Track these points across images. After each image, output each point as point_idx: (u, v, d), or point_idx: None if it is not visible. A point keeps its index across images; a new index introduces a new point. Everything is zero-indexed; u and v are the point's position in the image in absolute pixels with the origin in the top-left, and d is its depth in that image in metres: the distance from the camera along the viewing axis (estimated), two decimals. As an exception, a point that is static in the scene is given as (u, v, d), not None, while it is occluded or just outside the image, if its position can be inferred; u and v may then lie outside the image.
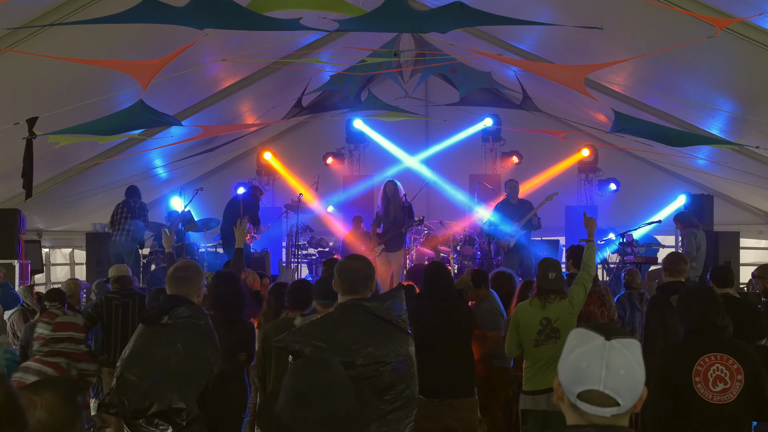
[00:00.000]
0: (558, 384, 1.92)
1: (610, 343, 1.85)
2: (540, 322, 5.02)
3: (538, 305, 5.13)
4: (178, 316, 3.65)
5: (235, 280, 5.07)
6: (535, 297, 5.22)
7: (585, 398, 1.84)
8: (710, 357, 3.58)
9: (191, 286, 3.79)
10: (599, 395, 1.83)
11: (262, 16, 5.47)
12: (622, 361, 1.84)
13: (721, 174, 11.36)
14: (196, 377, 3.54)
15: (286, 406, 2.36)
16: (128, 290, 6.74)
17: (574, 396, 1.85)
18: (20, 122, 6.77)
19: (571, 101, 10.48)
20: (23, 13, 6.19)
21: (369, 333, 3.25)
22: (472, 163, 13.74)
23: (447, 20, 5.80)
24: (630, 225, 11.41)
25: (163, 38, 7.27)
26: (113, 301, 6.62)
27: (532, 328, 5.01)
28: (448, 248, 11.58)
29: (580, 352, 1.86)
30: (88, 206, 11.55)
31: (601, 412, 1.84)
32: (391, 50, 9.58)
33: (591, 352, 1.85)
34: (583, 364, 1.84)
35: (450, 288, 5.25)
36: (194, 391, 3.50)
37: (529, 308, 5.19)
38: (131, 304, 6.59)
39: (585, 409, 1.85)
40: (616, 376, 1.82)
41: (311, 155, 13.89)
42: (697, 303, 3.79)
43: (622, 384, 1.83)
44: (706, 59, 7.81)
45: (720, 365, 3.56)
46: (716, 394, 3.54)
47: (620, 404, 1.84)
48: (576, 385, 1.85)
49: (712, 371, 3.56)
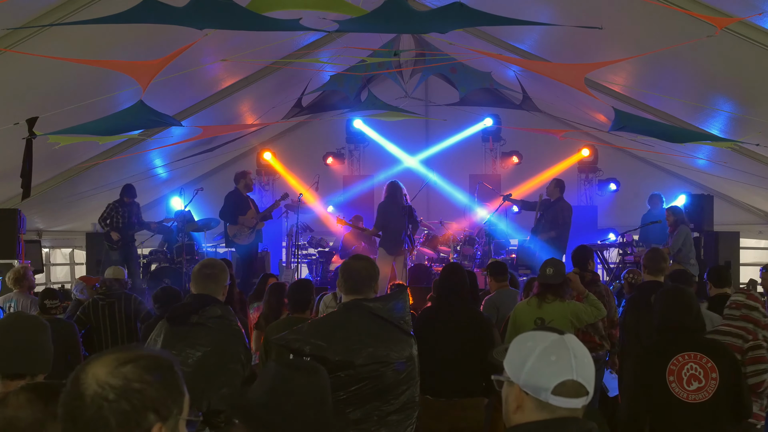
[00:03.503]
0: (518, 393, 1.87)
1: (566, 337, 1.88)
2: (534, 321, 5.03)
3: (535, 304, 5.15)
4: (209, 315, 3.60)
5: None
6: (533, 296, 5.25)
7: (560, 392, 1.83)
8: (684, 356, 3.59)
9: (219, 283, 3.75)
10: (573, 384, 1.83)
11: (262, 17, 5.47)
12: (583, 351, 1.87)
13: (721, 174, 11.35)
14: (232, 379, 3.51)
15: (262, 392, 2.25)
16: (113, 291, 6.76)
17: (547, 393, 1.83)
18: (20, 122, 6.77)
19: (571, 101, 10.49)
20: (23, 13, 6.19)
21: (370, 333, 3.25)
22: (472, 163, 13.74)
23: (447, 20, 5.80)
24: (630, 225, 11.42)
25: (163, 38, 7.27)
26: (99, 302, 6.66)
27: (527, 326, 5.01)
28: (448, 248, 11.58)
29: (542, 349, 1.86)
30: (88, 206, 11.54)
31: (574, 403, 1.84)
32: (391, 50, 9.57)
33: (554, 346, 1.86)
34: (552, 357, 1.84)
35: (464, 289, 5.20)
36: (231, 393, 3.46)
37: (526, 307, 5.23)
38: (116, 304, 6.63)
39: (558, 403, 1.84)
40: (583, 364, 1.85)
41: (311, 155, 13.89)
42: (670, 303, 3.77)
43: (589, 372, 1.86)
44: (706, 59, 7.81)
45: (694, 364, 3.57)
46: (691, 393, 3.55)
47: (589, 393, 1.85)
48: (549, 380, 1.84)
49: (686, 370, 3.57)
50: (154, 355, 1.57)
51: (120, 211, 10.05)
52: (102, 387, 1.47)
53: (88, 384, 1.47)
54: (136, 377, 1.49)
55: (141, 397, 1.48)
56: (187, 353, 3.50)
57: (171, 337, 3.58)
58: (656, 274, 5.43)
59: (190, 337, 3.55)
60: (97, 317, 6.59)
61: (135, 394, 1.48)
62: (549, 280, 5.15)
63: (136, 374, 1.50)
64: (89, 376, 1.48)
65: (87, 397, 1.46)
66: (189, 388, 3.34)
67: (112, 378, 1.48)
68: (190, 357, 3.49)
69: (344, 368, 3.15)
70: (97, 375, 1.48)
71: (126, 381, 1.48)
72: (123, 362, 1.51)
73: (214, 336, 3.55)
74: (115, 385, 1.47)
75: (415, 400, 3.32)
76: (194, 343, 3.53)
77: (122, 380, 1.48)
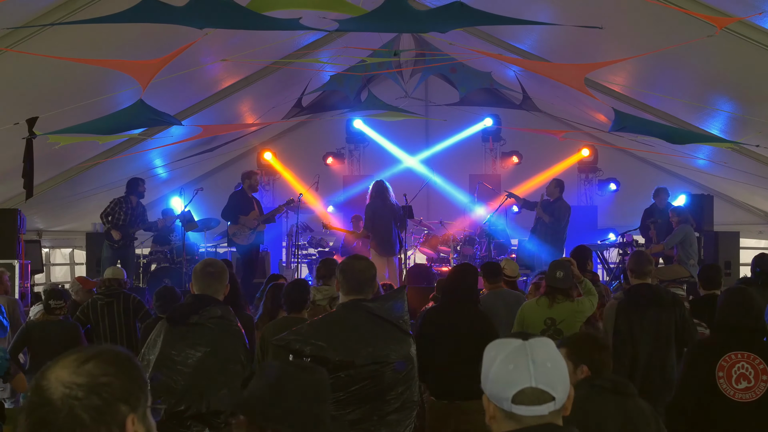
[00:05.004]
0: (487, 402, 1.89)
1: (528, 342, 1.86)
2: (544, 321, 5.01)
3: (546, 304, 5.14)
4: (210, 316, 3.59)
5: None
6: (543, 296, 5.23)
7: (519, 400, 1.81)
8: (736, 354, 3.60)
9: (221, 282, 3.75)
10: (533, 392, 1.81)
11: (262, 16, 5.47)
12: (546, 355, 1.84)
13: (721, 174, 11.35)
14: (232, 379, 3.50)
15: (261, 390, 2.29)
16: (113, 290, 6.76)
17: (508, 402, 1.82)
18: (20, 122, 6.77)
19: (571, 101, 10.49)
20: (23, 13, 6.19)
21: (370, 333, 3.25)
22: (472, 163, 13.74)
23: (447, 20, 5.79)
24: (630, 225, 11.41)
25: (163, 38, 7.26)
26: (98, 302, 6.67)
27: (536, 326, 5.01)
28: (448, 248, 11.58)
29: (502, 358, 1.85)
30: (88, 206, 11.54)
31: (538, 410, 1.81)
32: (391, 50, 9.56)
33: (513, 354, 1.84)
34: (510, 366, 1.83)
35: (473, 290, 5.16)
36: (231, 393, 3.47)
37: (535, 307, 5.20)
38: (115, 303, 6.63)
39: (521, 412, 1.81)
40: (543, 369, 1.82)
41: (311, 155, 13.89)
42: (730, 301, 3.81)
43: (552, 376, 1.83)
44: (706, 59, 7.81)
45: (745, 363, 3.58)
46: (739, 392, 3.56)
47: (555, 398, 1.82)
48: (507, 389, 1.82)
49: (737, 368, 3.58)
50: (112, 350, 1.57)
51: (124, 209, 9.83)
52: (69, 387, 1.46)
53: (54, 388, 1.47)
54: (101, 372, 1.50)
55: (110, 390, 1.48)
56: (187, 353, 3.49)
57: (171, 337, 3.57)
58: (643, 277, 5.33)
59: (190, 337, 3.54)
60: (96, 317, 6.59)
61: (104, 387, 1.48)
62: (559, 284, 5.14)
63: (100, 369, 1.50)
64: (52, 381, 1.48)
65: (56, 401, 1.46)
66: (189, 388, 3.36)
67: (76, 377, 1.48)
68: (190, 357, 3.48)
69: (344, 368, 3.15)
70: (60, 377, 1.48)
71: (91, 377, 1.48)
72: (83, 361, 1.50)
73: (214, 336, 3.54)
74: (82, 383, 1.47)
75: (414, 400, 3.32)
76: (194, 343, 3.52)
77: (87, 377, 1.48)
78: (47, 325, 6.18)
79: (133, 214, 9.94)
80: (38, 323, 6.27)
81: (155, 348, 3.56)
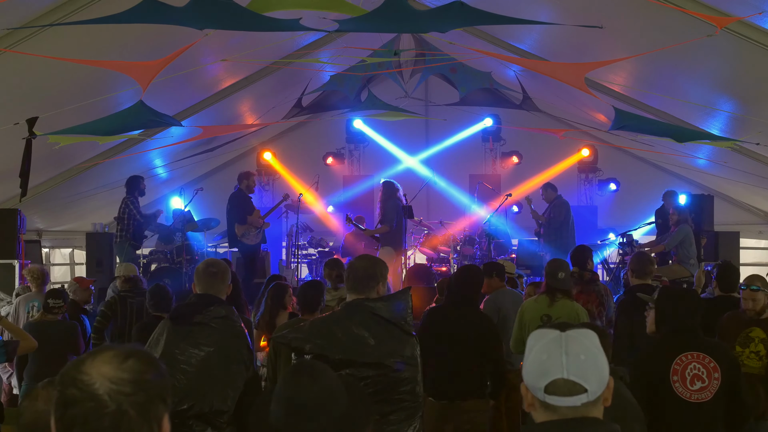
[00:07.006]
0: (525, 390, 1.92)
1: (566, 334, 1.88)
2: (541, 318, 5.04)
3: (545, 303, 5.18)
4: (213, 315, 3.58)
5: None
6: (543, 294, 5.26)
7: (552, 390, 1.84)
8: (687, 356, 3.61)
9: (224, 282, 3.76)
10: (564, 383, 1.83)
11: (262, 17, 5.47)
12: (581, 347, 1.86)
13: (721, 174, 11.35)
14: (236, 379, 3.50)
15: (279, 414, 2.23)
16: (140, 289, 6.80)
17: (542, 392, 1.86)
18: (20, 122, 6.77)
19: (571, 101, 10.49)
20: (23, 13, 6.19)
21: (371, 332, 3.25)
22: (472, 163, 13.74)
23: (447, 20, 5.79)
24: (630, 225, 11.42)
25: (163, 38, 7.27)
26: (127, 299, 6.67)
27: (533, 323, 5.04)
28: (448, 248, 11.58)
29: (538, 348, 1.89)
30: (88, 206, 11.55)
31: (570, 401, 1.84)
32: (391, 50, 9.56)
33: (549, 345, 1.88)
34: (544, 356, 1.87)
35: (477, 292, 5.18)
36: (234, 394, 3.47)
37: (534, 305, 5.25)
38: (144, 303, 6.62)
39: (554, 402, 1.85)
40: (576, 361, 1.84)
41: (311, 155, 13.89)
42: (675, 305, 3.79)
43: (584, 368, 1.85)
44: (706, 59, 7.81)
45: (697, 364, 3.59)
46: (694, 393, 3.56)
47: (588, 390, 1.84)
48: (541, 379, 1.86)
49: (690, 370, 3.58)
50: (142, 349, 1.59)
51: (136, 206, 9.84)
52: (116, 383, 1.47)
53: (99, 383, 1.47)
54: (143, 369, 1.51)
55: (153, 387, 1.50)
56: (191, 353, 3.49)
57: (174, 336, 3.56)
58: (644, 278, 5.41)
59: (194, 336, 3.53)
60: (124, 314, 6.59)
61: (148, 384, 1.50)
62: (560, 285, 5.21)
63: (142, 366, 1.51)
64: (94, 376, 1.47)
65: (102, 395, 1.46)
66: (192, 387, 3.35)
67: (122, 373, 1.48)
68: (193, 357, 3.48)
69: (345, 367, 3.15)
70: (104, 373, 1.48)
71: (137, 373, 1.49)
72: (124, 357, 1.51)
73: (218, 336, 3.54)
74: (129, 379, 1.48)
75: (419, 400, 3.31)
76: (197, 343, 3.51)
77: (132, 373, 1.49)
78: (46, 325, 6.18)
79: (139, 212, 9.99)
80: (37, 323, 6.27)
81: (158, 347, 3.55)
